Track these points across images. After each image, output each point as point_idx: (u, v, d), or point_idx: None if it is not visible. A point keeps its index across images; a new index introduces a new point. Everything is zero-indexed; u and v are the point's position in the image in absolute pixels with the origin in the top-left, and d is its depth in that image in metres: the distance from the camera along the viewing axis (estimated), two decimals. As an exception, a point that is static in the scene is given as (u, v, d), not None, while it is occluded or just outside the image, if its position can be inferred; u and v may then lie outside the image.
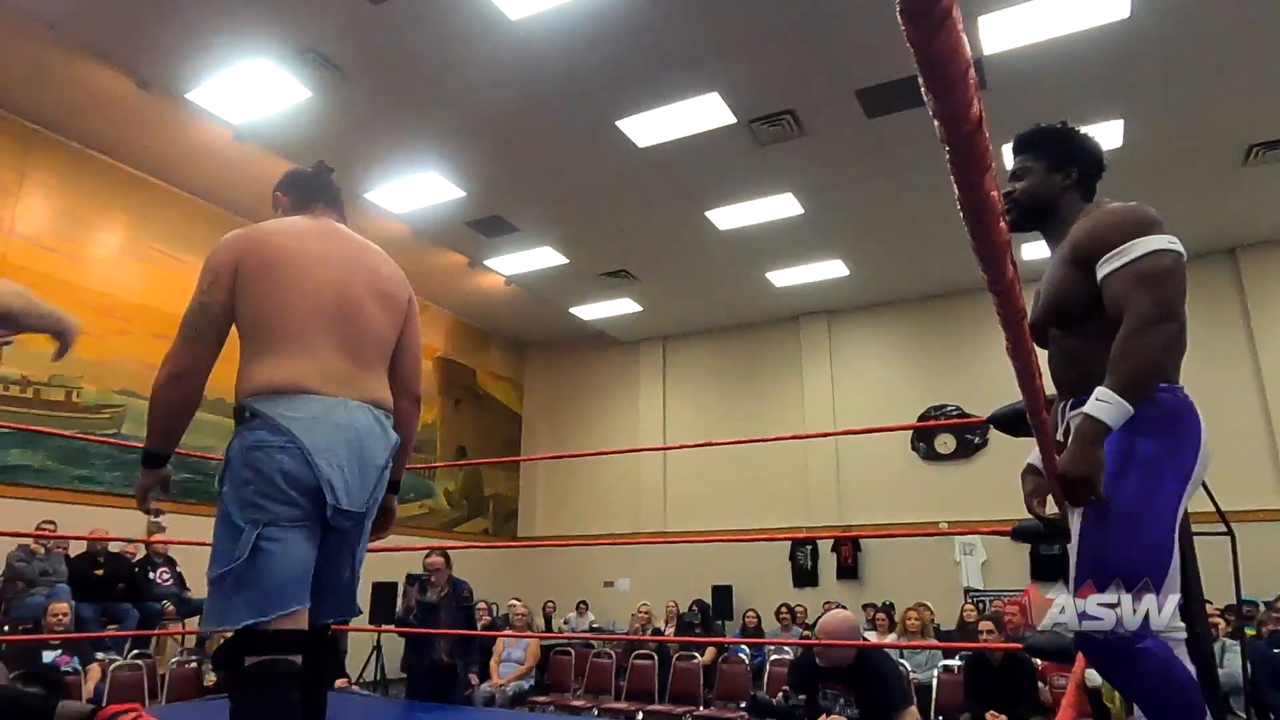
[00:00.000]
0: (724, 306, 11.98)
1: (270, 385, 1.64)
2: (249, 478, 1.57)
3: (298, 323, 1.66)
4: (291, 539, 1.54)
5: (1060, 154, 1.89)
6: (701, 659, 7.23)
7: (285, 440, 1.57)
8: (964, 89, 0.66)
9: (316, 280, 1.71)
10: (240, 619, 1.49)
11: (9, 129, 7.47)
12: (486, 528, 12.95)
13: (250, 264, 1.71)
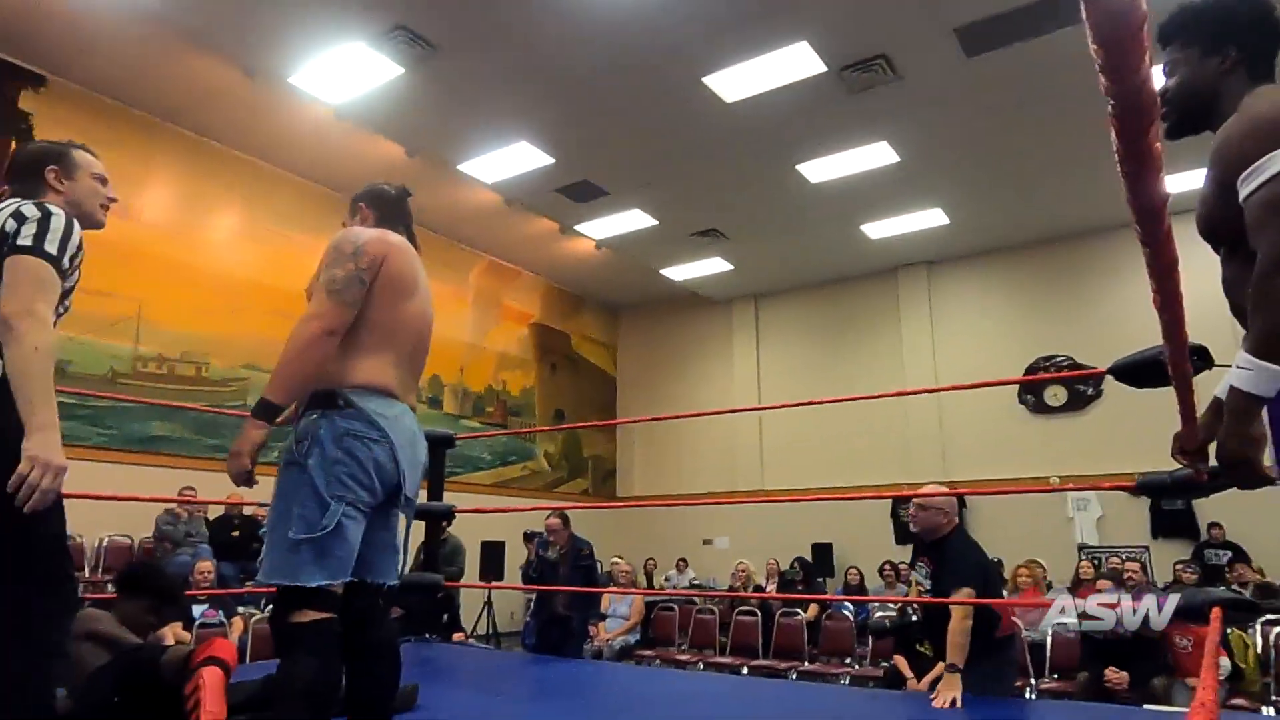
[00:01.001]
0: (817, 262, 11.74)
1: (369, 383, 1.80)
2: (341, 459, 1.72)
3: (397, 338, 1.89)
4: (359, 520, 1.73)
5: (1212, 32, 1.52)
6: (805, 615, 7.26)
7: (379, 434, 1.75)
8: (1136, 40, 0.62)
9: (415, 309, 1.98)
10: (314, 579, 1.65)
11: (134, 123, 7.96)
12: (586, 488, 13.26)
13: (390, 269, 1.89)
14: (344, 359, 1.80)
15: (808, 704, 3.19)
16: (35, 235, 1.70)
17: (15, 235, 1.69)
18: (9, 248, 1.68)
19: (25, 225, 1.70)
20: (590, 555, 5.64)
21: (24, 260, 1.67)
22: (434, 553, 4.66)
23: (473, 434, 8.19)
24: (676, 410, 12.55)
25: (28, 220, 1.71)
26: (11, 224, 1.70)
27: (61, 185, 1.90)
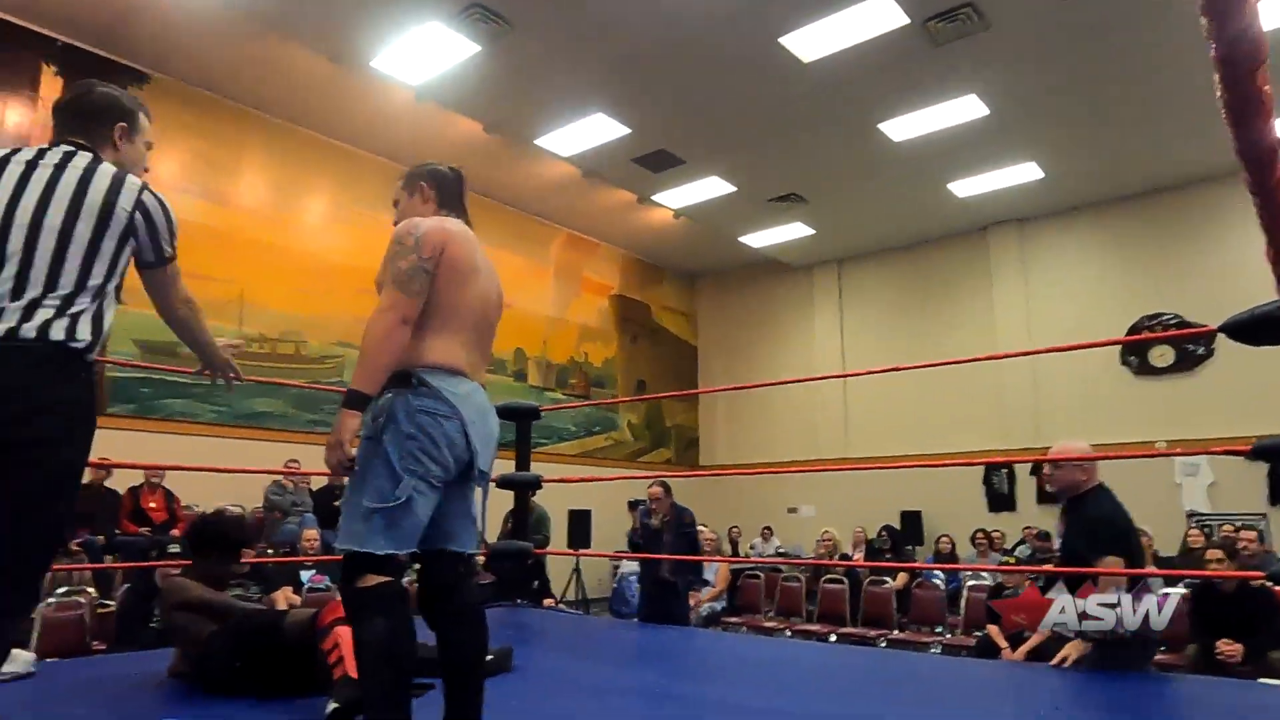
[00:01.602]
0: (902, 223, 11.39)
1: (439, 363, 1.87)
2: (415, 434, 1.80)
3: (463, 319, 1.97)
4: (430, 494, 1.81)
5: None
6: (893, 584, 7.17)
7: (450, 411, 1.83)
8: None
9: (477, 291, 2.04)
10: (382, 548, 1.75)
11: (227, 113, 8.32)
12: (669, 457, 13.35)
13: (450, 255, 1.96)
14: (415, 341, 1.89)
15: (897, 671, 3.16)
16: (171, 243, 1.83)
17: (156, 241, 1.76)
18: (158, 257, 1.79)
19: (160, 229, 1.77)
20: (692, 523, 5.79)
21: (173, 267, 1.85)
22: (522, 521, 4.78)
23: (557, 405, 8.34)
24: (758, 378, 12.46)
25: (158, 221, 1.77)
26: (141, 222, 1.72)
27: (120, 146, 1.84)
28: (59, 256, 1.57)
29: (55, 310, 1.53)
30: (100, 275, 1.62)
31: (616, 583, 8.71)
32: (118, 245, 1.67)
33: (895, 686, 2.84)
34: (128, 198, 1.68)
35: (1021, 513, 10.30)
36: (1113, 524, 2.97)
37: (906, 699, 2.58)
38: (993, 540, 8.87)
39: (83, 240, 1.60)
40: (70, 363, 1.54)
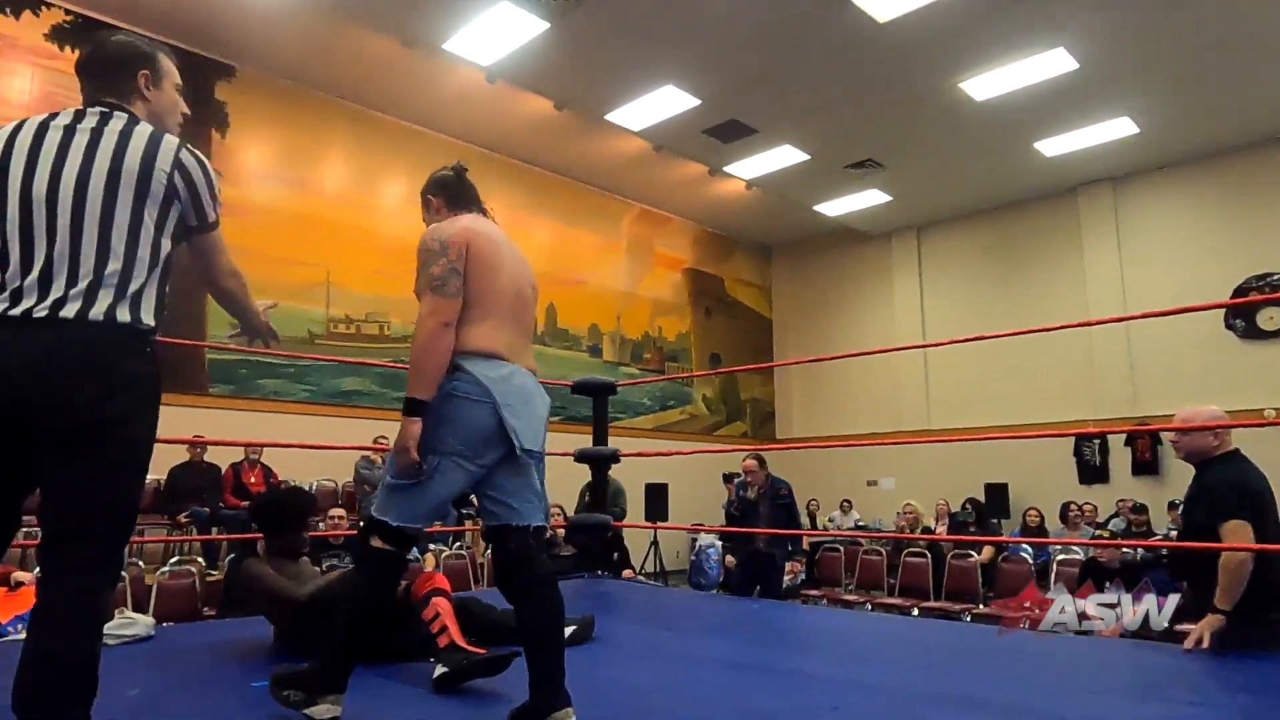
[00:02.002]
0: (984, 186, 10.96)
1: (476, 348, 1.96)
2: (444, 417, 1.90)
3: (496, 306, 2.04)
4: (456, 473, 1.91)
5: None
6: (978, 557, 7.01)
7: (482, 394, 1.91)
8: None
9: (508, 276, 2.10)
10: (395, 519, 1.89)
11: (312, 103, 8.58)
12: (745, 430, 13.30)
13: (476, 250, 2.05)
14: (460, 331, 1.99)
15: (983, 645, 3.10)
16: (215, 206, 1.69)
17: (200, 205, 1.65)
18: (201, 223, 1.66)
19: (202, 192, 1.65)
20: (789, 494, 5.88)
21: (219, 235, 1.72)
22: (600, 494, 4.86)
23: (632, 381, 8.40)
24: (835, 349, 12.26)
25: (199, 184, 1.64)
26: (180, 183, 1.61)
27: (149, 93, 1.73)
28: (105, 230, 1.52)
29: (115, 290, 1.50)
30: (149, 246, 1.56)
31: (695, 555, 8.77)
32: (161, 211, 1.59)
33: (983, 661, 2.78)
34: (165, 159, 1.59)
35: (1115, 485, 9.90)
36: (1238, 488, 2.74)
37: (996, 674, 2.54)
38: (1084, 513, 8.56)
39: (125, 209, 1.54)
40: (137, 341, 1.53)
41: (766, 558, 5.78)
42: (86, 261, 1.50)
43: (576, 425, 9.52)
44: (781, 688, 2.30)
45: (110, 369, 1.47)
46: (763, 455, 5.99)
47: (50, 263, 1.49)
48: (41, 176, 1.53)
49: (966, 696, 2.19)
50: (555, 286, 10.71)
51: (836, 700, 2.12)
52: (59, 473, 1.46)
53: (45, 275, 1.48)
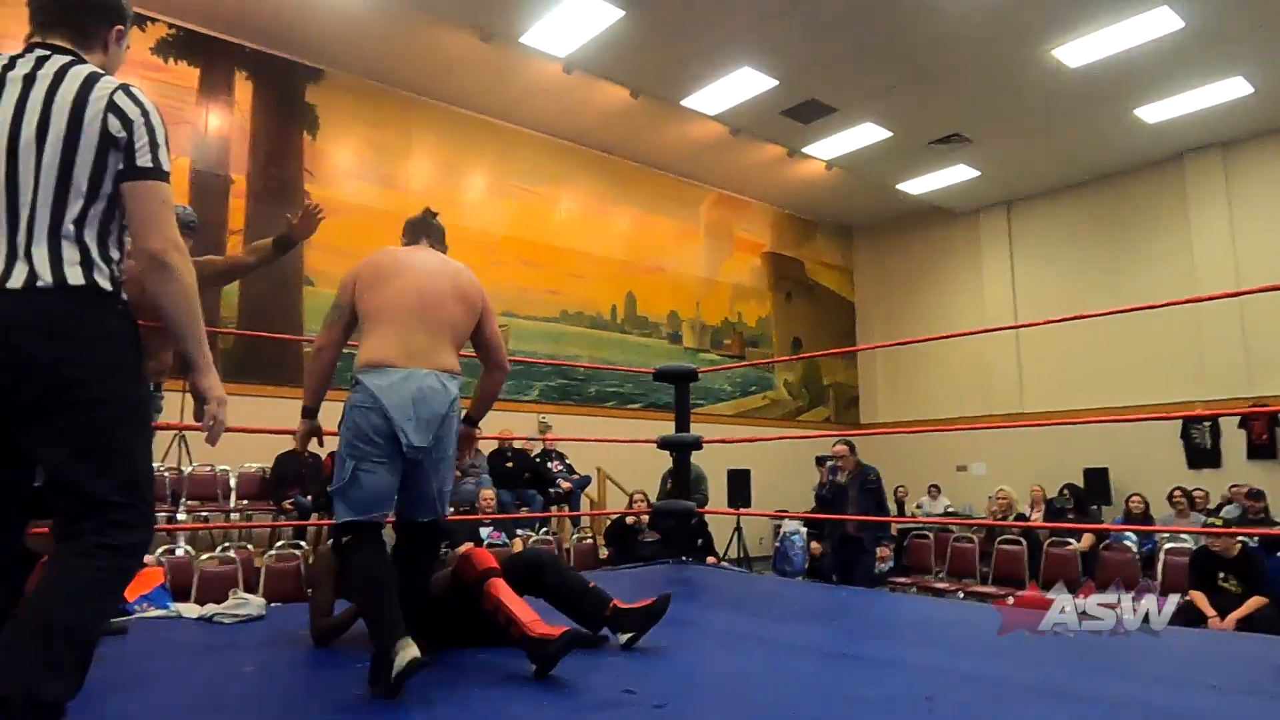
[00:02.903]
0: (1080, 157, 10.45)
1: (367, 361, 2.21)
2: (351, 425, 2.18)
3: (389, 314, 2.26)
4: (379, 470, 2.16)
5: None
6: (1078, 545, 6.74)
7: (372, 402, 2.16)
8: None
9: (406, 281, 2.31)
10: (345, 516, 2.17)
11: (395, 101, 8.83)
12: (828, 416, 13.10)
13: (364, 278, 2.33)
14: (360, 348, 2.26)
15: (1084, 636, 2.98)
16: (154, 152, 1.50)
17: (130, 149, 1.47)
18: (128, 168, 1.47)
19: (137, 135, 1.48)
20: (877, 480, 5.96)
21: (155, 187, 1.50)
22: (683, 481, 4.87)
23: (714, 367, 8.37)
24: (921, 332, 11.93)
25: (136, 126, 1.48)
26: (116, 125, 1.46)
27: (111, 50, 1.61)
28: (44, 184, 1.41)
29: (61, 251, 1.41)
30: (91, 199, 1.45)
31: (779, 542, 8.72)
32: (96, 159, 1.45)
33: (1084, 653, 2.68)
34: (99, 96, 1.45)
35: (1228, 469, 9.34)
36: None
37: (1098, 668, 2.44)
38: (1194, 500, 8.10)
39: (56, 162, 1.42)
40: (97, 305, 1.45)
41: (856, 542, 5.85)
42: (25, 222, 1.40)
43: (658, 412, 9.57)
44: (872, 676, 2.27)
45: (66, 336, 1.39)
46: (853, 441, 6.03)
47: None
48: None
49: (1066, 688, 2.12)
50: (634, 274, 10.76)
51: (930, 689, 2.08)
52: (44, 451, 1.41)
53: None
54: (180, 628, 3.00)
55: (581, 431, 9.04)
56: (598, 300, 10.36)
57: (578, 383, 10.01)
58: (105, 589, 1.43)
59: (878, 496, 5.95)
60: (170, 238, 1.50)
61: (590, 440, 6.57)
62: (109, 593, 1.45)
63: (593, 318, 10.28)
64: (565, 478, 8.12)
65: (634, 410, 10.29)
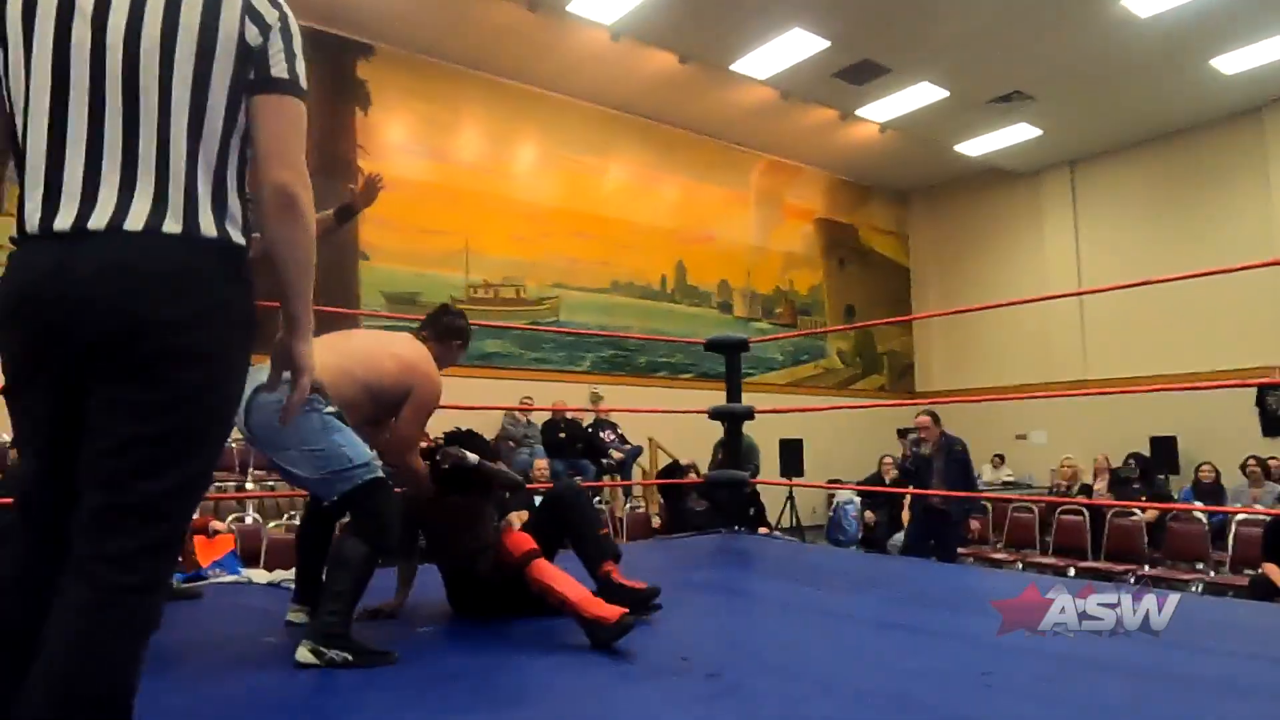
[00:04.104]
0: (1149, 113, 9.97)
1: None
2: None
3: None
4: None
5: None
6: (1143, 516, 6.55)
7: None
8: None
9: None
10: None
11: (443, 74, 8.86)
12: (882, 384, 12.91)
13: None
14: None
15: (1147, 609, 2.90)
16: (290, 62, 1.23)
17: (264, 57, 1.20)
18: (260, 78, 1.20)
19: (272, 41, 1.21)
20: (964, 451, 5.81)
21: (290, 104, 1.23)
22: (735, 451, 4.86)
23: (766, 337, 8.30)
24: (979, 296, 11.62)
25: (273, 32, 1.21)
26: (253, 32, 1.19)
27: None
28: (165, 109, 1.13)
29: (200, 193, 1.15)
30: (226, 127, 1.18)
31: (833, 511, 8.67)
32: (235, 76, 1.18)
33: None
34: (230, 11, 1.18)
35: (1307, 438, 8.96)
36: None
37: (1162, 642, 2.38)
38: (1269, 469, 7.80)
39: (202, 75, 1.15)
40: (228, 260, 1.19)
41: (940, 514, 5.72)
42: (148, 149, 1.13)
43: (708, 382, 9.55)
44: (929, 648, 2.25)
45: (185, 298, 1.12)
46: (936, 412, 5.90)
47: (97, 157, 1.12)
48: (79, 40, 1.12)
49: (1130, 664, 2.07)
50: (684, 243, 10.68)
51: (988, 664, 2.06)
52: (116, 427, 1.11)
53: (91, 174, 1.11)
54: (250, 592, 3.13)
55: (633, 402, 9.08)
56: (648, 270, 10.33)
57: (629, 353, 10.03)
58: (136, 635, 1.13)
59: (965, 468, 5.80)
60: (301, 170, 1.23)
61: (642, 411, 6.59)
62: (141, 636, 1.13)
63: (643, 288, 10.26)
64: (617, 448, 8.18)
65: (685, 380, 10.29)
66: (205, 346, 1.15)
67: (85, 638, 1.06)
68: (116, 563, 1.08)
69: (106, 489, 1.11)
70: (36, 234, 1.11)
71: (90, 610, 1.07)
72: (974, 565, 6.77)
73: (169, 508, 1.14)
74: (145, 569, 1.11)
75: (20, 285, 1.13)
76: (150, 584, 1.12)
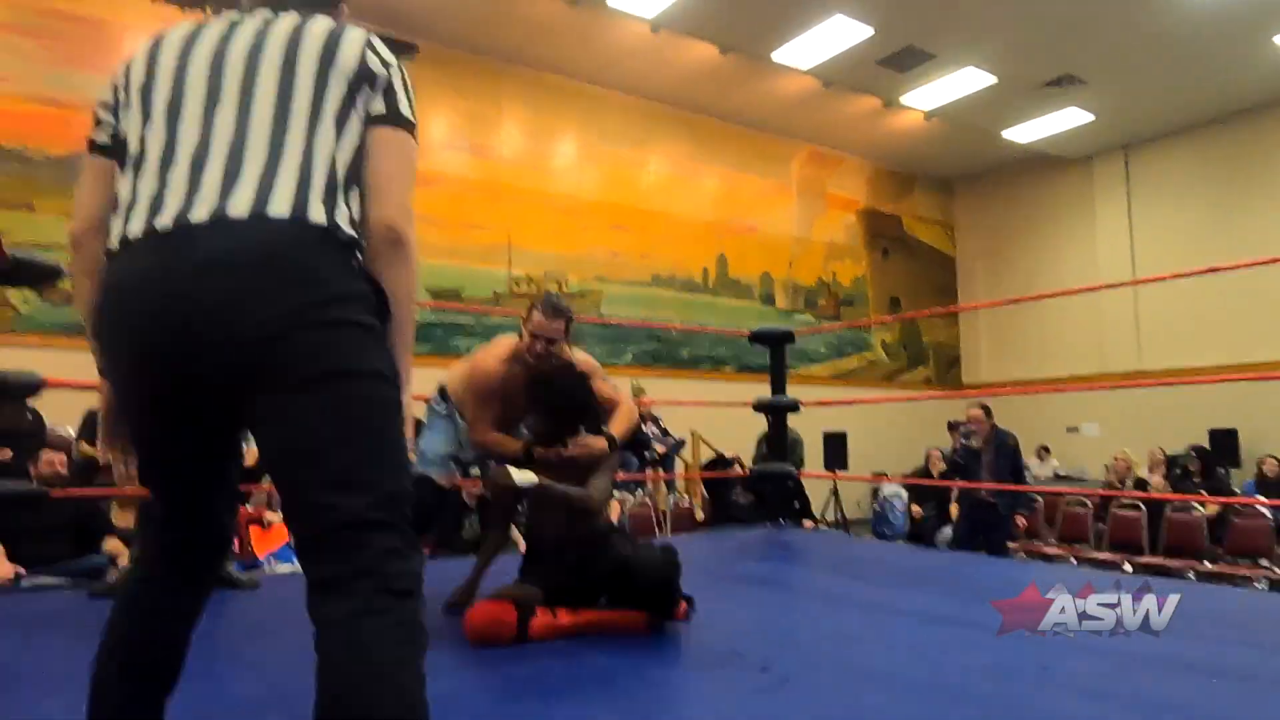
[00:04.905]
0: (1207, 94, 9.64)
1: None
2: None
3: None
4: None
5: None
6: (1204, 511, 6.36)
7: None
8: None
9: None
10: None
11: (485, 68, 8.93)
12: (928, 376, 12.72)
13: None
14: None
15: (1212, 606, 2.82)
16: (409, 104, 1.22)
17: (390, 90, 1.20)
18: (389, 111, 1.19)
19: (394, 78, 1.21)
20: (1015, 445, 5.74)
21: (407, 142, 1.21)
22: (779, 444, 4.83)
23: (810, 329, 8.22)
24: (1027, 286, 11.38)
25: (394, 69, 1.21)
26: (376, 62, 1.19)
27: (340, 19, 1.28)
28: (283, 108, 1.12)
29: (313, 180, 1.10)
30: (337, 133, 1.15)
31: (878, 504, 8.57)
32: (350, 89, 1.16)
33: (1215, 621, 2.54)
34: (355, 37, 1.19)
35: (1377, 430, 8.60)
36: None
37: (1230, 638, 2.31)
38: (1337, 461, 7.52)
39: (308, 84, 1.14)
40: (344, 250, 1.12)
41: (989, 508, 5.64)
42: (257, 140, 1.11)
43: (751, 374, 9.50)
44: (982, 643, 2.21)
45: (307, 282, 1.05)
46: (988, 405, 5.79)
47: (205, 149, 1.10)
48: (200, 54, 1.16)
49: (1194, 660, 2.02)
50: (725, 235, 10.63)
51: (1045, 659, 2.02)
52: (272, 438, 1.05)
53: (196, 167, 1.09)
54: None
55: (675, 395, 9.07)
56: (689, 263, 10.30)
57: (671, 346, 10.03)
58: (414, 653, 1.02)
59: (1014, 462, 5.71)
60: (409, 210, 1.20)
61: (684, 404, 6.59)
62: (418, 657, 1.02)
63: (684, 281, 10.24)
64: (660, 441, 8.17)
65: (727, 373, 10.25)
66: (341, 340, 1.06)
67: (365, 662, 0.97)
68: (365, 576, 1.00)
69: (309, 508, 1.04)
70: (139, 236, 1.07)
71: (360, 628, 0.98)
72: (1025, 560, 6.65)
73: (383, 513, 1.04)
74: (393, 574, 1.02)
75: (121, 294, 1.08)
76: (406, 587, 1.03)
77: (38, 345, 5.96)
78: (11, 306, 6.42)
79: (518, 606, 2.16)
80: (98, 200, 1.21)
